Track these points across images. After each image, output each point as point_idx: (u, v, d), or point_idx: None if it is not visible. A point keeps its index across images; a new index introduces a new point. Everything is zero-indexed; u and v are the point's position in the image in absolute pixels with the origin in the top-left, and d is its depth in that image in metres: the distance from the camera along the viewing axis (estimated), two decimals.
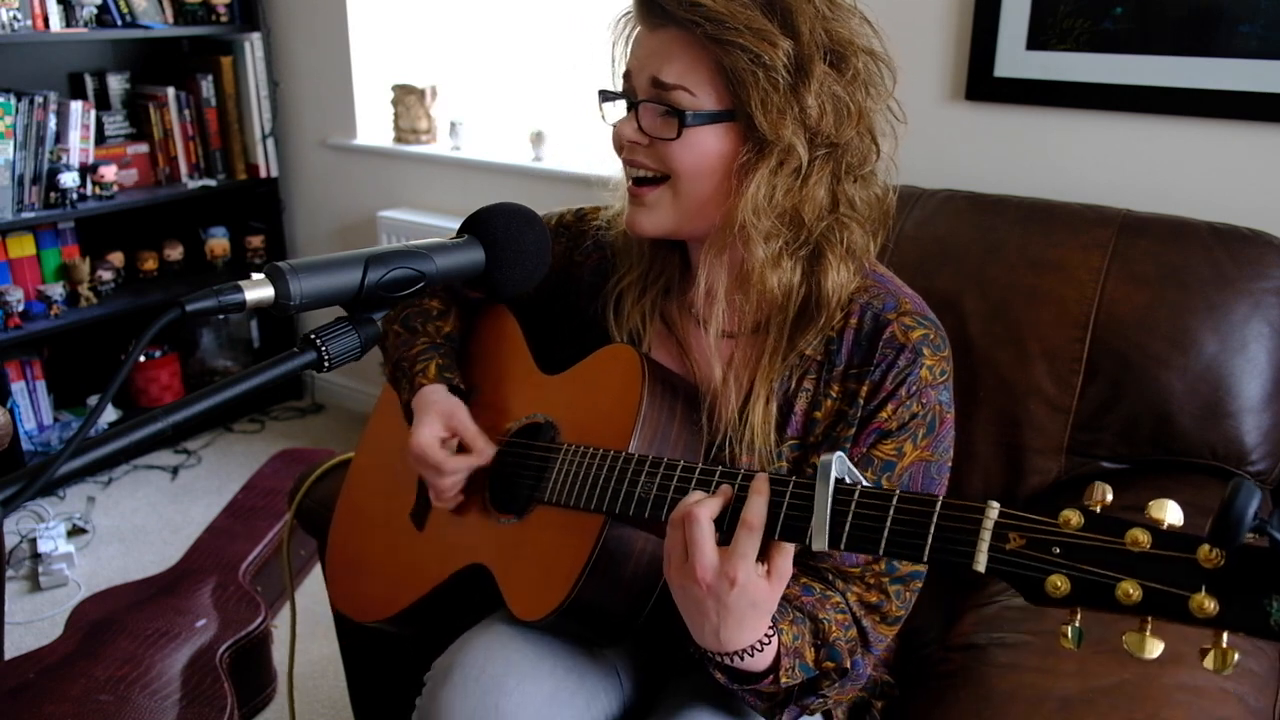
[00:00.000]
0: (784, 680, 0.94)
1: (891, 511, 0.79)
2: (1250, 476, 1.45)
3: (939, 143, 2.00)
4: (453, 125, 2.99)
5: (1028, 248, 1.55)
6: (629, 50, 1.07)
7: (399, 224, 3.05)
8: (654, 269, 1.17)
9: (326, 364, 0.77)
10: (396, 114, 3.11)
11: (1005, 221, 1.61)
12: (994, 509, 0.74)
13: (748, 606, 0.86)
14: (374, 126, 3.22)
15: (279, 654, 2.02)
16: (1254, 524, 0.63)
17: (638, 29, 1.05)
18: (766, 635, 0.91)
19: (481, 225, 0.89)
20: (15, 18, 2.69)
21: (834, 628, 1.00)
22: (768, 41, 0.95)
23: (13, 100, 2.79)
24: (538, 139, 2.81)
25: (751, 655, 0.90)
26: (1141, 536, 0.67)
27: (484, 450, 1.17)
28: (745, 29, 0.95)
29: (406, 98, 3.07)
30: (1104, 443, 1.49)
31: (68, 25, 2.86)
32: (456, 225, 0.92)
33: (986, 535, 0.73)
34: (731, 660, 0.91)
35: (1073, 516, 0.71)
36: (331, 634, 1.91)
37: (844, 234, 1.04)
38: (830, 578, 1.05)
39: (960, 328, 1.54)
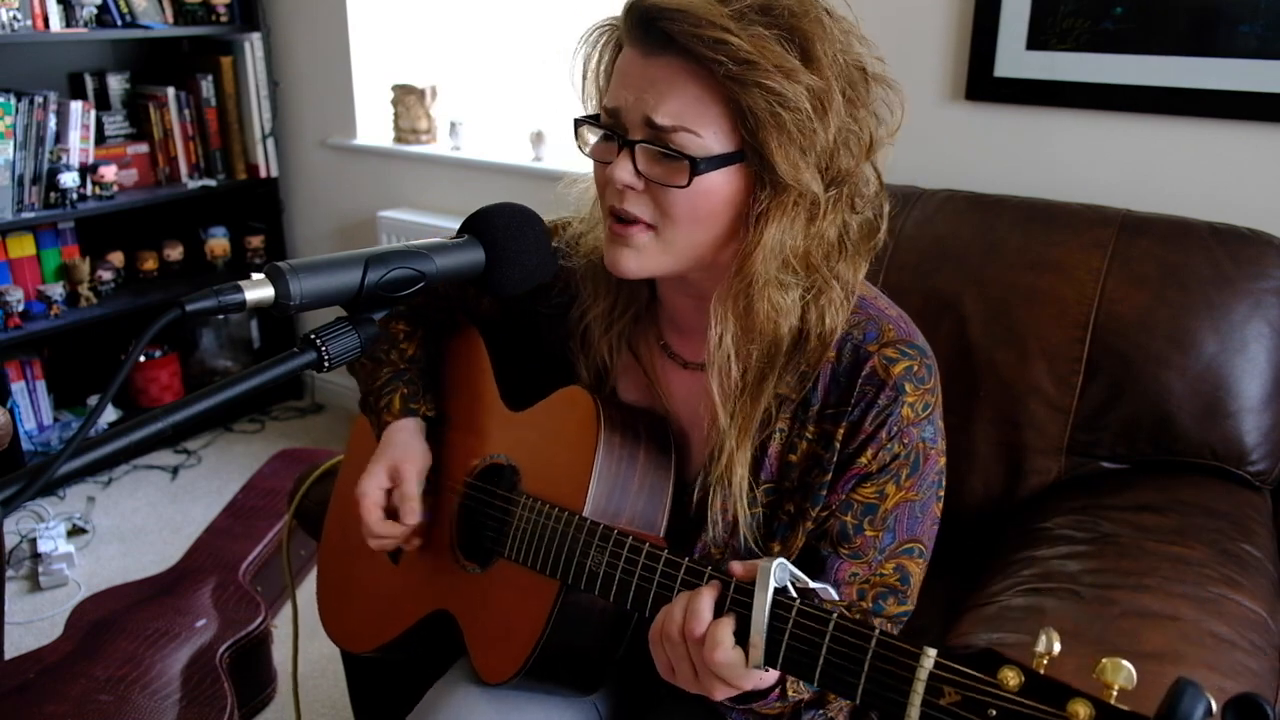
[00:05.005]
0: (791, 694, 0.91)
1: (827, 639, 0.76)
2: (1250, 476, 1.45)
3: (939, 143, 2.00)
4: (453, 125, 2.99)
5: (1028, 248, 1.55)
6: (610, 73, 0.96)
7: (399, 224, 3.05)
8: (621, 300, 1.09)
9: (326, 364, 0.77)
10: (396, 114, 3.11)
11: (1005, 221, 1.61)
12: (929, 657, 0.70)
13: (726, 686, 0.84)
14: (374, 126, 3.22)
15: (279, 654, 2.02)
16: None
17: (624, 50, 0.93)
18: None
19: (481, 225, 0.89)
20: (15, 18, 2.69)
21: None
22: (791, 80, 0.85)
23: (13, 100, 2.79)
24: (538, 139, 2.81)
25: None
26: (1083, 711, 0.63)
27: (413, 514, 1.11)
28: (774, 69, 0.85)
29: (406, 98, 3.07)
30: (1104, 443, 1.49)
31: (68, 25, 2.85)
32: (456, 225, 0.92)
33: (920, 688, 0.70)
34: None
35: (1011, 677, 0.66)
36: None
37: (849, 269, 0.97)
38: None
39: (960, 328, 1.54)
